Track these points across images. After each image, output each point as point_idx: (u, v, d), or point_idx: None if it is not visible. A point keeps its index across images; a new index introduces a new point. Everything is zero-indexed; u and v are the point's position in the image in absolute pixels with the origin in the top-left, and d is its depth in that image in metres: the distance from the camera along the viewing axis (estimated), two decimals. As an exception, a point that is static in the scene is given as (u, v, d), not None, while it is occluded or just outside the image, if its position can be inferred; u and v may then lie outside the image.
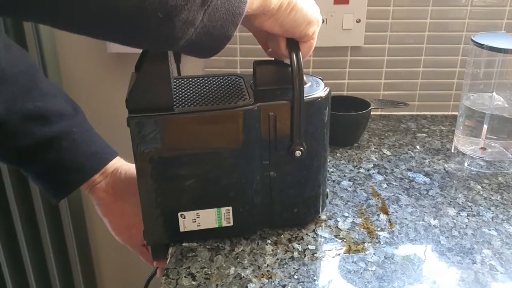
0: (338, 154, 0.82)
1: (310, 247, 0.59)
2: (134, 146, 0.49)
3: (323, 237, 0.61)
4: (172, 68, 0.50)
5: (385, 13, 0.92)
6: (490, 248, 0.59)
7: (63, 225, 1.09)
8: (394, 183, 0.74)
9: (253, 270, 0.55)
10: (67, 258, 1.13)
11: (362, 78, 0.97)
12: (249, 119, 0.51)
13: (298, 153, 0.54)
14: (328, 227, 0.63)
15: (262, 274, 0.55)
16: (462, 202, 0.69)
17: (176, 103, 0.51)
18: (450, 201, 0.69)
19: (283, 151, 0.54)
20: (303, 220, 0.62)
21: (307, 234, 0.61)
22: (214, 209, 0.54)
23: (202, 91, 0.54)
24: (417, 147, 0.86)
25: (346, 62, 0.96)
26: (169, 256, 0.58)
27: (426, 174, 0.76)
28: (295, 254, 0.58)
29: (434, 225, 0.64)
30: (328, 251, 0.59)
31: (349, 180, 0.74)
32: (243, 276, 0.54)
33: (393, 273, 0.55)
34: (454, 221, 0.65)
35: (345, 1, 0.90)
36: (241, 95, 0.53)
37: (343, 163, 0.79)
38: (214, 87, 0.55)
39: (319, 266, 0.56)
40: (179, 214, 0.54)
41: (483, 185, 0.73)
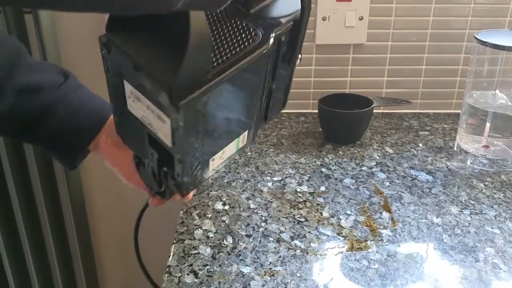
0: (341, 152, 0.82)
1: (313, 245, 0.59)
2: (183, 129, 0.46)
3: (326, 235, 0.61)
4: None
5: (388, 11, 0.92)
6: (493, 246, 0.59)
7: (65, 222, 1.09)
8: (397, 181, 0.73)
9: (256, 268, 0.55)
10: (69, 255, 1.13)
11: (365, 76, 0.97)
12: (270, 52, 0.50)
13: (299, 60, 0.53)
14: (331, 225, 0.63)
15: (265, 272, 0.55)
16: (465, 200, 0.69)
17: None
18: (453, 199, 0.69)
19: (286, 62, 0.54)
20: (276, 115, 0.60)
21: (310, 232, 0.61)
22: (235, 140, 0.54)
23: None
24: (420, 145, 0.85)
25: (349, 60, 0.95)
26: (172, 254, 0.58)
27: (429, 172, 0.76)
28: (298, 252, 0.58)
29: (437, 223, 0.63)
30: (331, 249, 0.58)
31: (352, 178, 0.74)
32: (246, 274, 0.54)
33: (396, 271, 0.55)
34: (457, 219, 0.64)
35: (348, -1, 0.90)
36: (249, 30, 0.50)
37: (346, 161, 0.79)
38: (215, 31, 0.52)
39: (322, 264, 0.56)
40: (211, 159, 0.53)
41: (486, 183, 0.73)
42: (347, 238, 0.60)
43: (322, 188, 0.71)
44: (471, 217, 0.65)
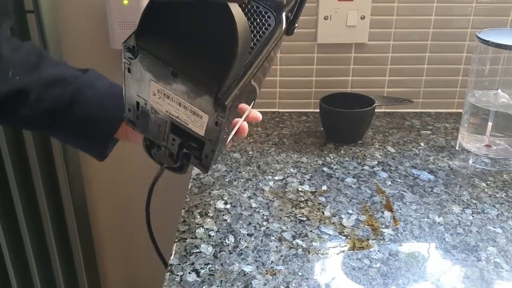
0: (342, 151, 0.82)
1: (314, 244, 0.59)
2: (225, 123, 0.47)
3: (327, 234, 0.61)
4: None
5: (390, 10, 0.92)
6: (495, 246, 0.59)
7: (66, 219, 1.09)
8: (399, 180, 0.73)
9: (257, 267, 0.55)
10: (70, 252, 1.13)
11: (366, 75, 0.97)
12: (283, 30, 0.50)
13: (296, 29, 0.53)
14: (332, 224, 0.63)
15: (266, 271, 0.55)
16: (467, 200, 0.69)
17: None
18: (455, 199, 0.69)
19: (288, 34, 0.53)
20: None
21: (311, 231, 0.61)
22: None
23: None
24: (422, 145, 0.85)
25: (350, 59, 0.95)
26: (173, 253, 0.58)
27: (431, 172, 0.76)
28: (299, 251, 0.58)
29: (439, 223, 0.63)
30: (332, 248, 0.58)
31: (353, 177, 0.74)
32: (247, 273, 0.54)
33: (398, 270, 0.55)
34: (459, 219, 0.64)
35: (350, -2, 0.90)
36: (262, 14, 0.50)
37: (347, 160, 0.79)
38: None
39: (323, 263, 0.56)
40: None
41: (488, 183, 0.73)
42: (349, 237, 0.60)
43: (324, 188, 0.71)
44: (473, 216, 0.65)
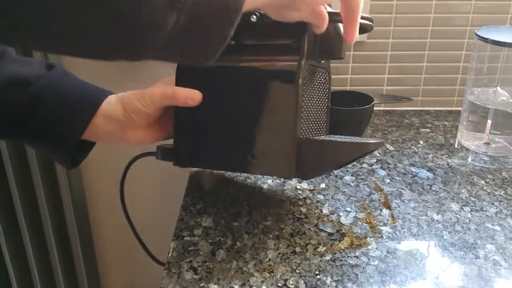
0: (341, 149, 0.82)
1: (312, 242, 0.59)
2: None
3: (326, 232, 0.61)
4: None
5: (389, 8, 0.92)
6: (494, 243, 0.59)
7: (66, 219, 1.09)
8: (397, 178, 0.73)
9: (255, 264, 0.55)
10: (70, 253, 1.13)
11: (366, 73, 0.97)
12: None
13: None
14: (331, 222, 0.63)
15: (264, 268, 0.54)
16: (466, 197, 0.69)
17: None
18: (453, 196, 0.69)
19: None
20: None
21: (309, 229, 0.61)
22: None
23: None
24: (421, 142, 0.85)
25: (349, 57, 0.95)
26: (171, 250, 0.58)
27: (430, 169, 0.76)
28: (297, 249, 0.58)
29: (437, 220, 0.63)
30: (330, 246, 0.58)
31: (352, 175, 0.74)
32: (245, 270, 0.54)
33: (396, 268, 0.55)
34: (457, 216, 0.64)
35: (349, -4, 0.89)
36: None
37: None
38: None
39: (321, 261, 0.56)
40: None
41: (487, 180, 0.73)
42: (347, 235, 0.60)
43: (322, 185, 0.71)
44: (472, 214, 0.65)
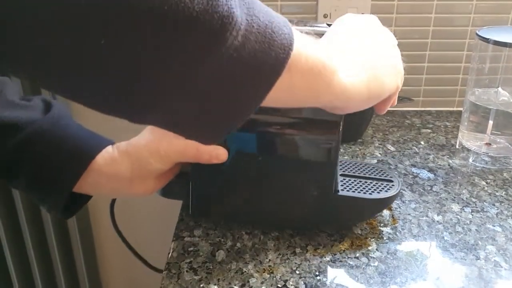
0: (342, 150, 0.82)
1: (312, 242, 0.59)
2: None
3: (326, 232, 0.61)
4: None
5: (390, 8, 0.92)
6: (494, 244, 0.59)
7: (68, 223, 1.09)
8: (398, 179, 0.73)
9: (255, 265, 0.55)
10: (72, 256, 1.13)
11: (366, 74, 0.97)
12: None
13: None
14: (331, 223, 0.63)
15: (264, 269, 0.54)
16: (466, 198, 0.68)
17: None
18: (454, 197, 0.69)
19: None
20: None
21: (309, 230, 0.61)
22: None
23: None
24: (422, 143, 0.85)
25: (350, 57, 0.95)
26: (171, 251, 0.58)
27: (430, 170, 0.76)
28: (297, 250, 0.58)
29: (438, 221, 0.63)
30: (331, 246, 0.58)
31: (353, 176, 0.74)
32: (245, 271, 0.54)
33: (396, 269, 0.55)
34: (458, 217, 0.64)
35: (349, -4, 0.89)
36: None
37: (347, 159, 0.79)
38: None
39: (321, 261, 0.56)
40: None
41: (488, 181, 0.73)
42: (347, 236, 0.60)
43: (323, 186, 0.71)
44: (473, 215, 0.64)
